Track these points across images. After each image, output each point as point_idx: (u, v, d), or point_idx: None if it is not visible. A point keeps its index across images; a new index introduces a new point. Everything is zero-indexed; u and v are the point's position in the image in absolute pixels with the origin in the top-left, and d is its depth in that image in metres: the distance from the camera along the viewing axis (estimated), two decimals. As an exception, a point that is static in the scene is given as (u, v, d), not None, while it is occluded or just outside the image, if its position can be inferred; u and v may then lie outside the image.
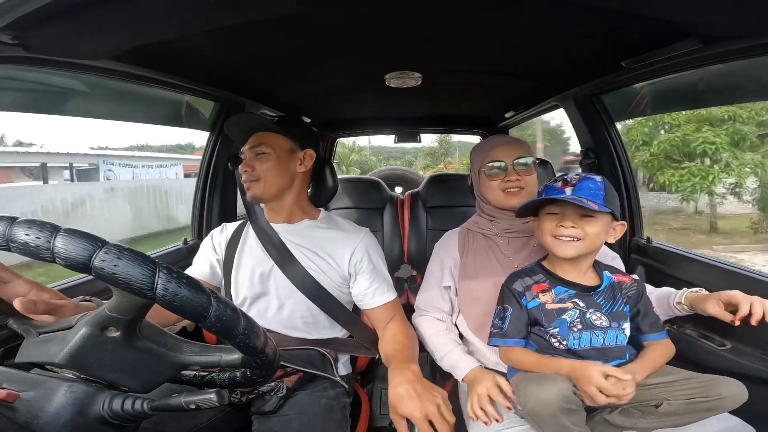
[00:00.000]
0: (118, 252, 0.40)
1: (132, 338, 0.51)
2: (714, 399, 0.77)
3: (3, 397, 0.47)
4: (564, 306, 0.91)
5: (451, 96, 1.85)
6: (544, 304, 0.93)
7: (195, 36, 0.90)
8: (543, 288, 0.94)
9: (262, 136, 1.11)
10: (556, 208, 0.93)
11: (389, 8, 0.84)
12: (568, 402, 0.78)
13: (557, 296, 0.93)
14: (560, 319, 0.91)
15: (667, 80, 1.19)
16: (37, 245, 0.40)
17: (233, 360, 0.53)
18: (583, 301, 0.92)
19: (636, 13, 0.77)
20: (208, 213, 1.68)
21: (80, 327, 0.50)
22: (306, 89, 1.56)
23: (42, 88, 1.00)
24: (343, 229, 1.16)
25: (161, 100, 1.42)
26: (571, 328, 0.90)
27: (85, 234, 0.41)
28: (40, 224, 0.41)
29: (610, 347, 0.90)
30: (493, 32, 0.99)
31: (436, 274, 1.18)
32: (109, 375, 0.51)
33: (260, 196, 1.12)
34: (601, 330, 0.90)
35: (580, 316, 0.90)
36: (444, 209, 2.38)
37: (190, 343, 0.55)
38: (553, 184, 0.93)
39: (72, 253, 0.39)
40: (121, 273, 0.40)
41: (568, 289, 0.93)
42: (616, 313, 0.91)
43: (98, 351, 0.50)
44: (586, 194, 0.88)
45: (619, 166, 1.52)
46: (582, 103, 1.52)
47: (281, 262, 1.07)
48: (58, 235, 0.40)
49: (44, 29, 0.71)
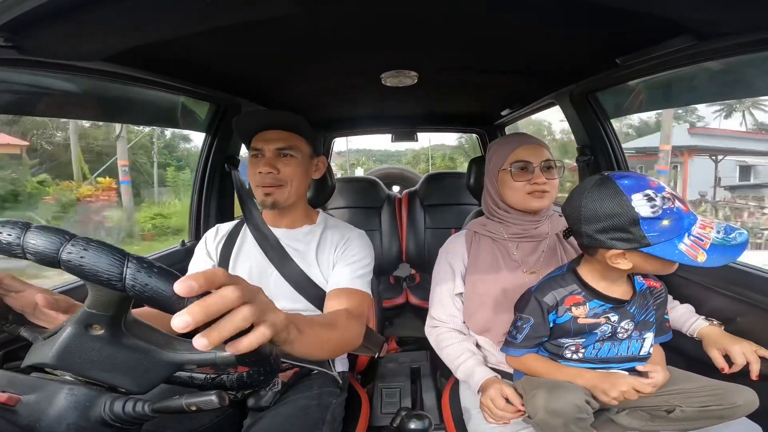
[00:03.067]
0: (85, 244, 0.40)
1: (118, 335, 0.50)
2: (728, 407, 0.76)
3: (4, 400, 0.46)
4: (597, 321, 0.86)
5: (447, 94, 1.85)
6: (576, 318, 0.87)
7: (190, 37, 0.89)
8: (577, 301, 0.87)
9: (289, 137, 1.05)
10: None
11: (384, 7, 0.84)
12: (581, 412, 0.76)
13: (591, 311, 0.86)
14: (591, 333, 0.87)
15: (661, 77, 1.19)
16: (9, 242, 0.41)
17: (227, 357, 0.52)
18: (617, 313, 0.86)
19: (630, 9, 0.77)
20: (205, 214, 1.68)
21: (66, 326, 0.50)
22: (302, 89, 1.56)
23: (36, 90, 1.00)
24: (338, 230, 1.15)
25: (156, 101, 1.41)
26: (597, 341, 0.87)
27: (54, 228, 0.41)
28: (13, 223, 0.41)
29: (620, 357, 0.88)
30: (489, 30, 0.99)
31: (447, 283, 1.13)
32: (101, 375, 0.50)
33: (282, 203, 1.05)
34: (618, 341, 0.87)
35: (611, 332, 0.86)
36: (442, 207, 2.39)
37: (182, 341, 0.54)
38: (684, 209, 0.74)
39: (40, 247, 0.40)
40: (87, 264, 0.39)
41: (605, 303, 0.86)
42: (643, 322, 0.87)
43: (84, 350, 0.49)
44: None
45: (615, 163, 1.53)
46: (577, 100, 1.52)
47: (279, 264, 1.07)
48: (29, 231, 0.41)
49: (38, 31, 0.70)
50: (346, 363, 1.19)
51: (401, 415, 0.93)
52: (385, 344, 1.21)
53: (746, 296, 1.01)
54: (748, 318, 0.99)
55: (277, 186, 1.04)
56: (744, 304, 1.01)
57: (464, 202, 2.38)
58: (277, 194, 1.04)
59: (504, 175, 1.07)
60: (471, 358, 1.03)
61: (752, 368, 0.85)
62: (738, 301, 1.03)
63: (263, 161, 1.03)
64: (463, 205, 2.36)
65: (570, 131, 1.65)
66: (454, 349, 1.07)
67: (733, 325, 0.98)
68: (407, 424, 0.91)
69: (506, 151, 1.08)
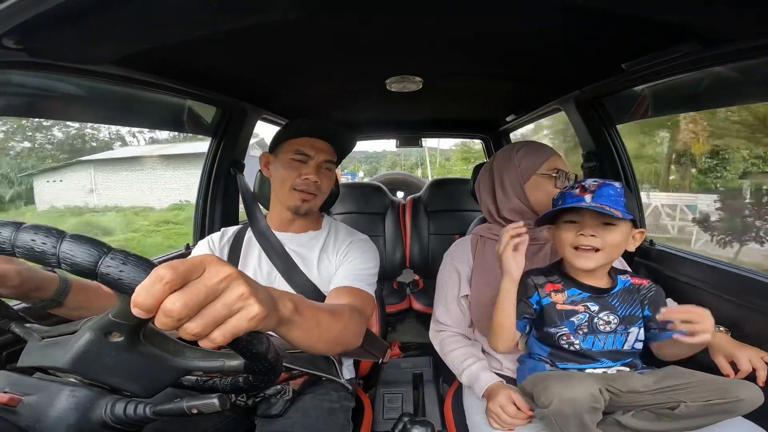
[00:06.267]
0: (123, 257, 0.40)
1: (135, 343, 0.51)
2: (732, 401, 0.75)
3: (6, 401, 0.46)
4: (575, 308, 0.91)
5: (451, 100, 1.85)
6: (555, 303, 0.92)
7: (197, 41, 0.90)
8: (557, 288, 0.94)
9: (333, 152, 1.09)
10: (574, 216, 0.90)
11: (390, 13, 0.85)
12: (595, 401, 0.77)
13: (569, 298, 0.92)
14: (568, 321, 0.90)
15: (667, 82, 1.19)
16: (43, 251, 0.40)
17: (236, 366, 0.53)
18: (596, 303, 0.91)
19: (635, 15, 0.77)
20: (210, 218, 1.68)
21: (84, 332, 0.50)
22: (307, 94, 1.57)
23: (45, 93, 1.01)
24: (343, 234, 1.15)
25: (163, 104, 1.42)
26: (577, 330, 0.90)
27: (89, 239, 0.41)
28: (46, 230, 0.41)
29: (613, 351, 0.90)
30: (494, 36, 0.99)
31: (452, 286, 1.14)
32: (112, 380, 0.51)
33: (311, 211, 1.10)
34: (603, 335, 0.89)
35: (588, 321, 0.90)
36: (446, 213, 2.39)
37: (193, 348, 0.55)
38: (571, 192, 0.91)
39: (78, 259, 0.39)
40: (126, 278, 0.39)
41: (582, 291, 0.92)
42: (628, 317, 0.91)
43: (102, 356, 0.49)
44: (607, 201, 0.85)
45: (621, 169, 1.52)
46: (583, 106, 1.52)
47: (284, 269, 1.07)
48: (64, 241, 0.40)
49: (48, 34, 0.71)
50: (353, 370, 1.19)
51: (403, 420, 0.93)
52: (388, 350, 1.20)
53: (752, 302, 1.00)
54: (755, 324, 0.99)
55: (313, 194, 1.07)
56: (750, 311, 1.00)
57: (468, 208, 2.37)
58: (312, 202, 1.08)
59: (539, 179, 1.12)
60: (476, 362, 1.03)
61: (759, 374, 0.85)
62: (744, 307, 1.02)
63: (311, 168, 1.06)
64: (468, 211, 2.36)
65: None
66: (458, 353, 1.07)
67: (739, 332, 0.96)
68: (410, 429, 0.91)
69: (542, 157, 1.13)
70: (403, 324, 2.39)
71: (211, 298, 0.38)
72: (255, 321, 0.41)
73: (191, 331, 0.37)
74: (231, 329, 0.40)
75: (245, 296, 0.41)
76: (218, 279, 0.39)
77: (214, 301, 0.39)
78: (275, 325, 0.51)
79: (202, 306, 0.38)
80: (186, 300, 0.36)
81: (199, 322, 0.37)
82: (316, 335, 0.64)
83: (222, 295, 0.39)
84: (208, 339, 0.39)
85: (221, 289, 0.39)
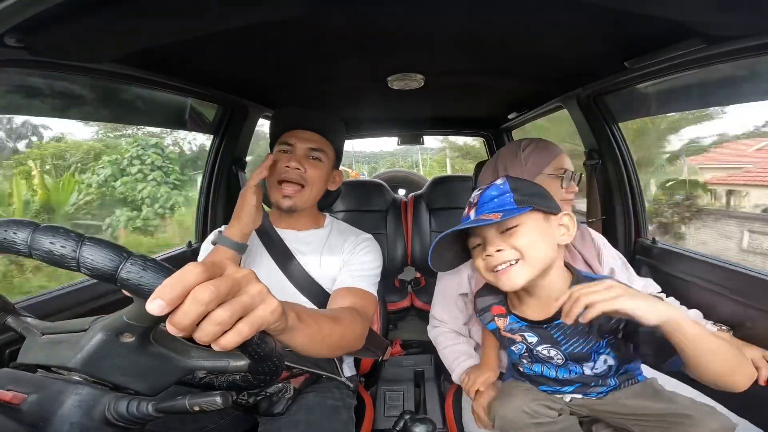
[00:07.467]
0: (143, 263, 0.40)
1: (146, 344, 0.51)
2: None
3: (9, 399, 0.47)
4: (513, 337, 0.85)
5: (453, 98, 1.85)
6: (499, 330, 0.88)
7: (199, 39, 0.90)
8: (501, 312, 0.87)
9: (321, 140, 1.06)
10: (477, 239, 0.80)
11: (391, 10, 0.84)
12: (534, 417, 0.74)
13: (509, 325, 0.85)
14: (510, 348, 0.88)
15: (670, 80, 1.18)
16: (63, 254, 0.40)
17: (240, 366, 0.53)
18: (534, 334, 0.81)
19: (638, 13, 0.77)
20: (212, 216, 1.68)
21: (95, 332, 0.50)
22: (308, 92, 1.57)
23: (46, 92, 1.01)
24: (345, 233, 1.15)
25: (164, 102, 1.42)
26: (521, 359, 0.86)
27: (108, 243, 0.41)
28: (65, 232, 0.41)
29: (570, 378, 0.81)
30: (496, 33, 0.98)
31: (451, 283, 1.13)
32: (119, 379, 0.51)
33: (300, 206, 1.05)
34: (554, 366, 0.81)
35: (527, 351, 0.83)
36: (447, 211, 2.38)
37: (198, 348, 0.55)
38: (465, 212, 0.84)
39: (99, 263, 0.39)
40: (146, 284, 0.40)
41: (520, 320, 0.83)
42: (577, 354, 0.77)
43: (111, 356, 0.50)
44: (489, 206, 0.77)
45: (623, 166, 1.52)
46: (585, 103, 1.52)
47: (285, 266, 1.07)
48: (84, 245, 0.40)
49: (49, 32, 0.71)
50: (353, 367, 1.19)
51: (404, 418, 0.93)
52: (389, 347, 1.20)
53: (755, 302, 1.00)
54: (758, 324, 0.98)
55: (300, 185, 1.04)
56: (753, 310, 1.00)
57: (470, 205, 2.36)
58: (297, 197, 1.04)
59: (545, 178, 1.07)
60: (466, 360, 1.04)
61: (761, 374, 0.85)
62: (747, 306, 1.01)
63: (293, 157, 1.03)
64: (469, 208, 2.35)
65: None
66: (450, 351, 1.08)
67: (742, 331, 0.96)
68: (410, 427, 0.90)
69: (550, 156, 1.08)
70: (404, 322, 2.39)
71: (236, 290, 0.41)
72: (276, 314, 0.44)
73: (219, 318, 0.38)
74: (257, 320, 0.42)
75: (264, 291, 0.44)
76: (240, 275, 0.42)
77: (239, 292, 0.41)
78: (282, 329, 0.53)
79: (230, 295, 0.39)
80: (217, 284, 0.38)
81: (228, 308, 0.39)
82: (318, 340, 0.66)
83: (245, 288, 0.42)
84: (234, 330, 0.40)
85: (244, 284, 0.42)
